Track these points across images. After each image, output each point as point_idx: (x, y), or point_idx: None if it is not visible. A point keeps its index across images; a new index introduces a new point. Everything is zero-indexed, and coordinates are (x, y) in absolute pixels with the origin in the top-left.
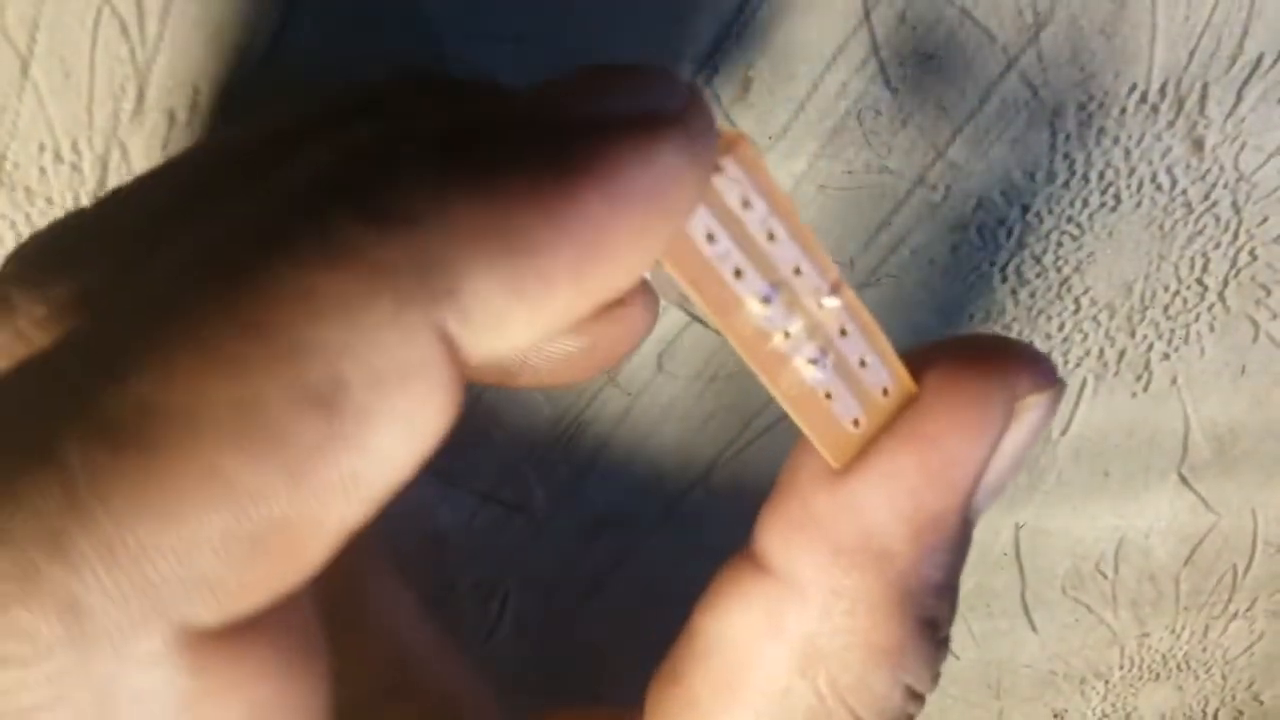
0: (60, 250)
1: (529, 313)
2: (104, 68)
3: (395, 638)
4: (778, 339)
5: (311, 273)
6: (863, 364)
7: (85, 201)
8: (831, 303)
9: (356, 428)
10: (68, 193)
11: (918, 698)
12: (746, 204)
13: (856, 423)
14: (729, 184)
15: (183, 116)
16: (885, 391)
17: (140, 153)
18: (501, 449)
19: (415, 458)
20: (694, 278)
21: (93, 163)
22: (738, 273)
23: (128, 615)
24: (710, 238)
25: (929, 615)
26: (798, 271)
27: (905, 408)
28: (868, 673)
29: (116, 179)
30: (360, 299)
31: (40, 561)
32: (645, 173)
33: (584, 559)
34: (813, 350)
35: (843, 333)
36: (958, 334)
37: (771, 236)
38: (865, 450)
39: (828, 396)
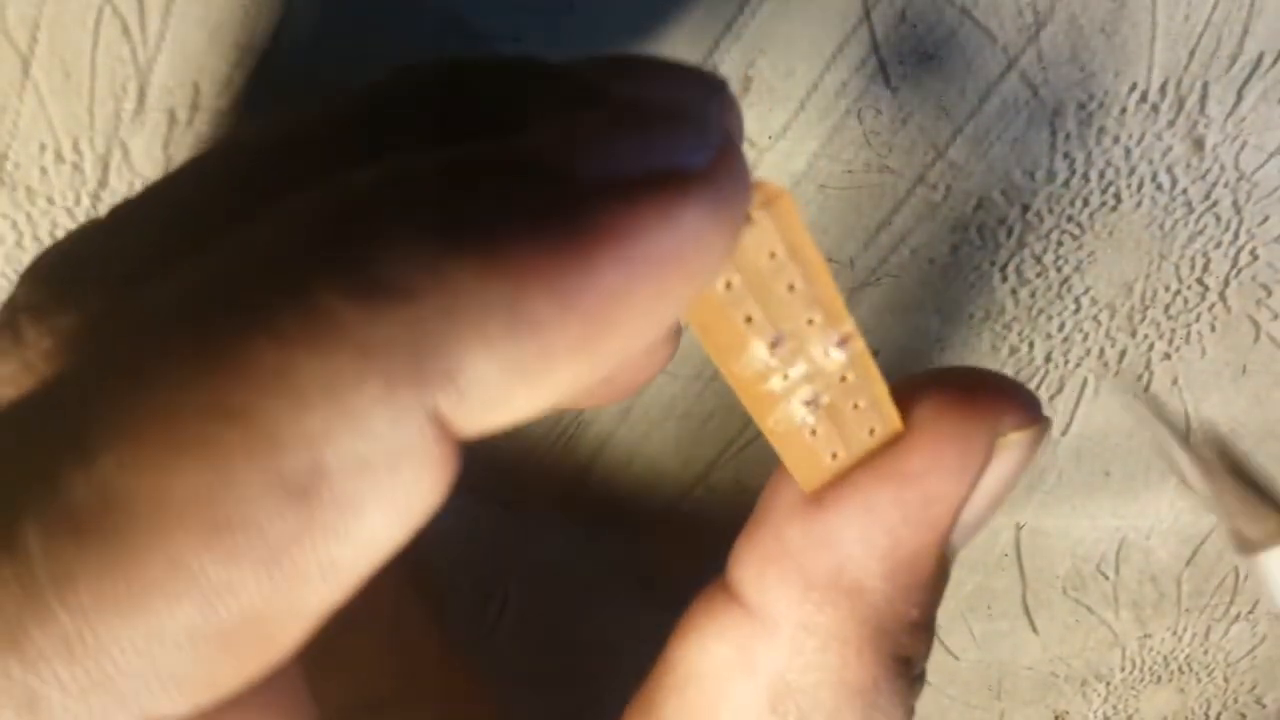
0: (68, 271)
1: (530, 390)
2: (105, 67)
3: (397, 639)
4: (775, 381)
5: (293, 352)
6: (855, 407)
7: (85, 202)
8: (838, 355)
9: (338, 516)
10: (69, 192)
11: None
12: (773, 255)
13: (834, 456)
14: (758, 236)
15: (184, 116)
16: (871, 431)
17: (141, 152)
18: (501, 449)
19: (402, 536)
20: (702, 321)
21: (94, 162)
22: (748, 319)
23: (88, 710)
24: (727, 285)
25: (903, 653)
26: (811, 322)
27: (887, 445)
28: (839, 711)
29: (117, 179)
30: (346, 382)
31: None
32: (665, 238)
33: (584, 559)
34: (808, 393)
35: (843, 379)
36: (945, 367)
37: (791, 287)
38: (842, 483)
39: (812, 433)
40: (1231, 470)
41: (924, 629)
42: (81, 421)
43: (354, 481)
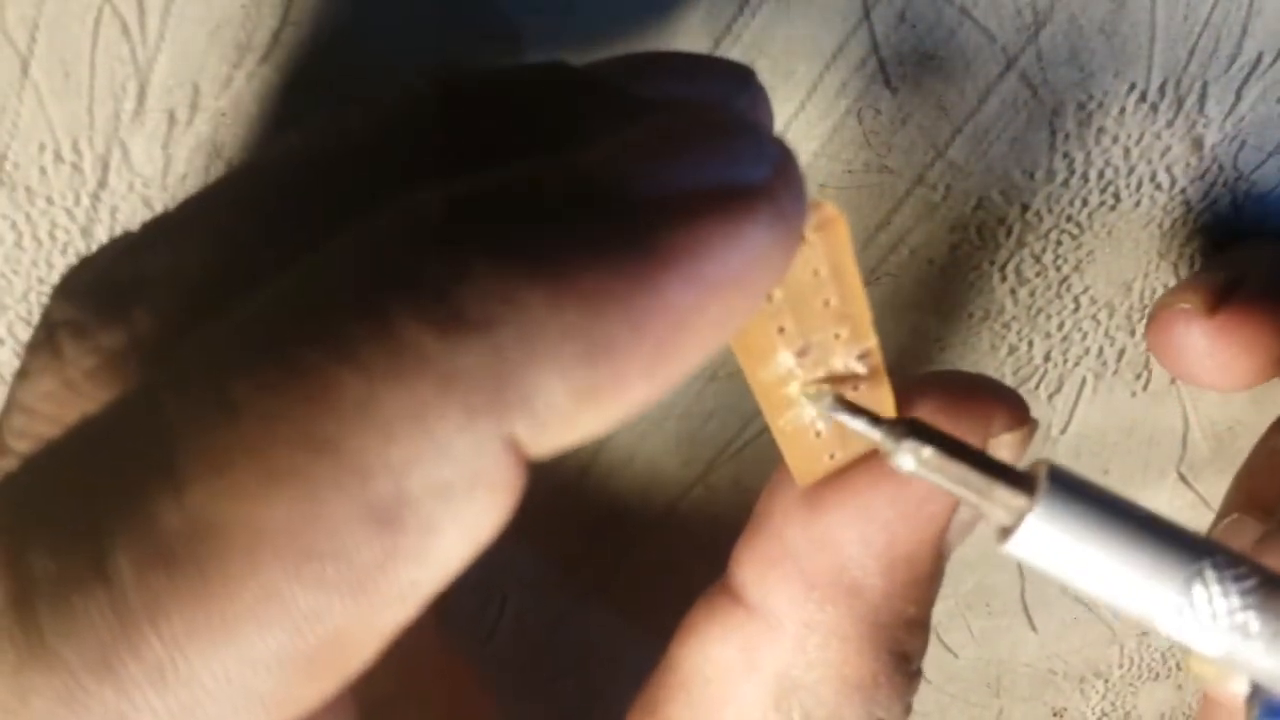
0: (110, 288)
1: (602, 412)
2: (104, 67)
3: (396, 640)
4: (794, 386)
5: (378, 384)
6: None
7: (85, 202)
8: (858, 366)
9: (419, 540)
10: (68, 193)
11: None
12: (816, 273)
13: (832, 456)
14: (807, 254)
15: (184, 116)
16: None
17: (141, 152)
18: None
19: (471, 555)
20: (740, 329)
21: (93, 162)
22: (781, 329)
23: None
24: (769, 298)
25: (901, 649)
26: (838, 335)
27: None
28: (840, 706)
29: (117, 179)
30: (430, 412)
31: (90, 684)
32: (731, 257)
33: (583, 559)
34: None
35: (855, 388)
36: (938, 371)
37: (827, 303)
38: (841, 485)
39: (817, 434)
40: (956, 458)
41: (921, 626)
42: (169, 451)
43: (435, 506)
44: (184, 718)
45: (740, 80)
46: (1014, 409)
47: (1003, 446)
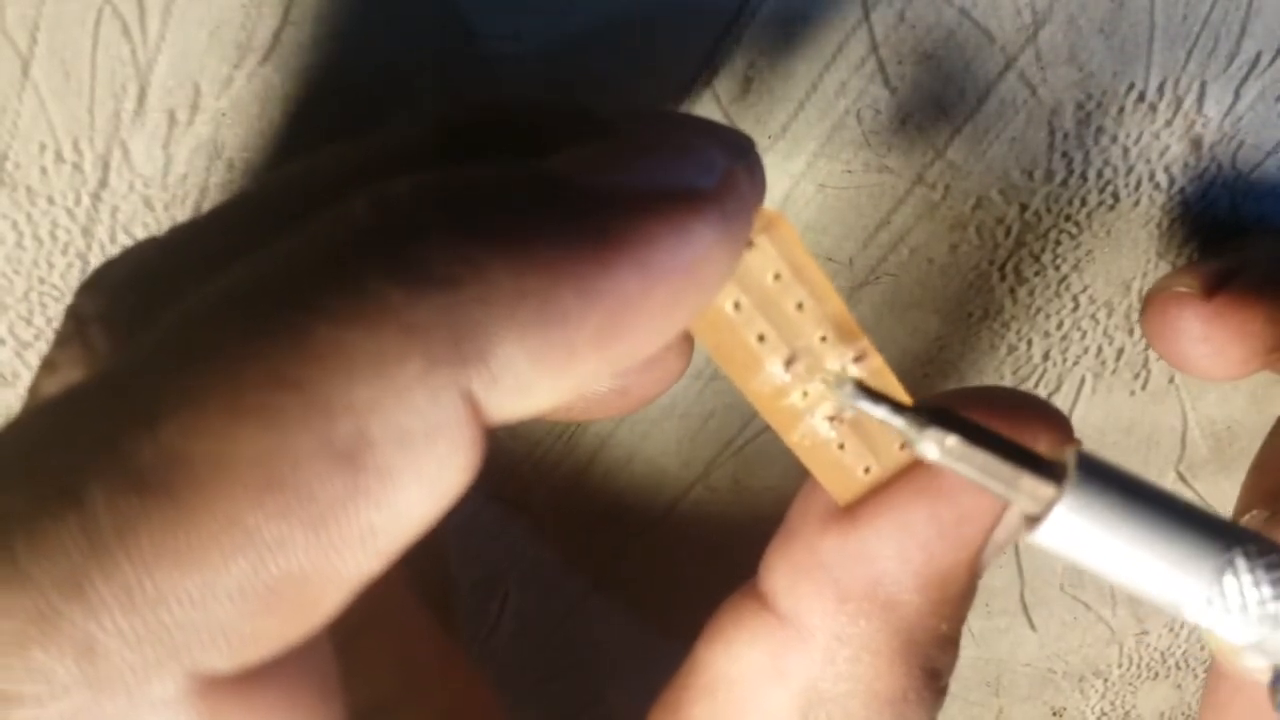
0: (143, 286)
1: (553, 379)
2: (105, 68)
3: (399, 641)
4: (795, 396)
5: (345, 330)
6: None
7: (86, 202)
8: (856, 370)
9: (379, 484)
10: (69, 192)
11: None
12: (777, 277)
13: (867, 470)
14: (761, 258)
15: (184, 116)
16: (903, 446)
17: (141, 153)
18: (501, 447)
19: (434, 513)
20: (716, 342)
21: (94, 162)
22: (760, 338)
23: (142, 659)
24: (736, 305)
25: (932, 665)
26: (824, 339)
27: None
28: None
29: (118, 179)
30: (392, 359)
31: (59, 603)
32: (678, 249)
33: (584, 558)
34: (831, 408)
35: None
36: (980, 386)
37: (800, 306)
38: (877, 498)
39: (840, 447)
40: (982, 446)
41: (952, 643)
42: (148, 393)
43: (395, 451)
44: (149, 643)
45: (739, 149)
46: (1058, 427)
47: None
